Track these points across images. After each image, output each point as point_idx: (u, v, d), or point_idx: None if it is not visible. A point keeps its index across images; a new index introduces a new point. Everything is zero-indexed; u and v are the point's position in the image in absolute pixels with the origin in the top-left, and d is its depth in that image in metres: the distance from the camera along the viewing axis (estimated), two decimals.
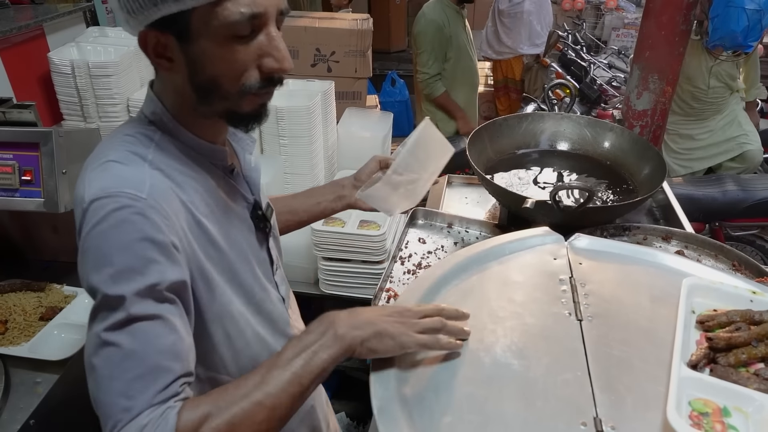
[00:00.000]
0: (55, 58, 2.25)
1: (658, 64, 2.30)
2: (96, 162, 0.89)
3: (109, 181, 0.85)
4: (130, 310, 0.79)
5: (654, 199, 2.11)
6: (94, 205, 0.83)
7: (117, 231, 0.81)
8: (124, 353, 0.78)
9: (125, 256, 0.81)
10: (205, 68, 0.88)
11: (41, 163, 1.56)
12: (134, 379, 0.78)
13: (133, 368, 0.78)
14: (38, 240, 1.99)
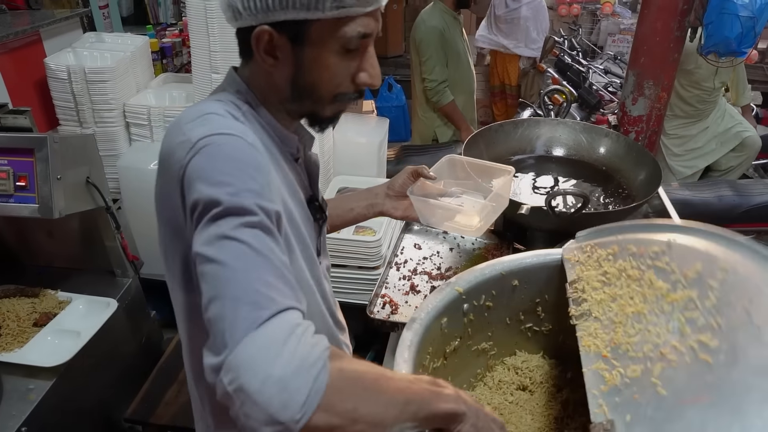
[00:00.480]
0: (51, 64, 2.26)
1: (653, 70, 2.31)
2: (191, 116, 0.91)
3: (215, 125, 0.88)
4: (253, 219, 0.79)
5: (650, 205, 2.11)
6: (204, 140, 0.84)
7: (235, 152, 0.84)
8: (255, 252, 0.76)
9: (243, 175, 0.82)
10: (311, 73, 0.94)
11: (36, 169, 1.56)
12: (271, 276, 0.75)
13: (266, 268, 0.76)
14: (33, 245, 1.98)
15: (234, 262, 0.75)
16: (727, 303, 0.91)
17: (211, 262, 0.76)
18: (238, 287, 0.74)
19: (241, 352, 0.68)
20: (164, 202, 0.95)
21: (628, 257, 1.10)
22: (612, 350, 0.94)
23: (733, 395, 0.78)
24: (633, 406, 0.84)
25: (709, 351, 0.85)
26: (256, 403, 0.67)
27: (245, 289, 0.73)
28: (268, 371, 0.67)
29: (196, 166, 0.83)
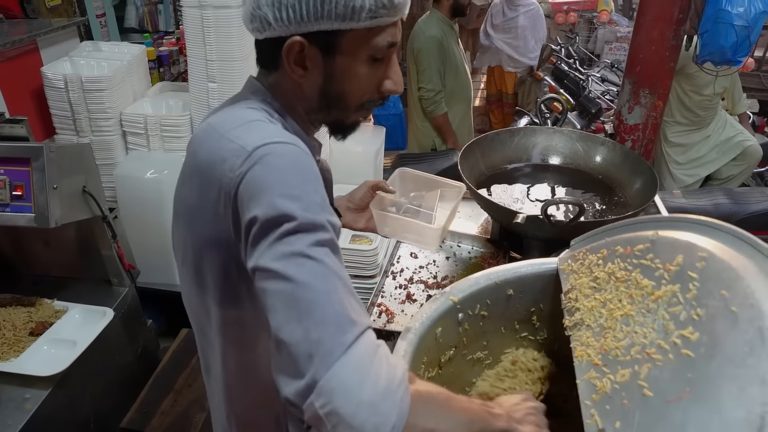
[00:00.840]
0: (48, 73, 2.26)
1: (649, 78, 2.32)
2: (233, 123, 0.90)
3: (269, 133, 0.87)
4: (325, 236, 0.78)
5: (646, 213, 2.12)
6: (263, 148, 0.83)
7: (297, 163, 0.84)
8: (331, 272, 0.76)
9: (310, 188, 0.82)
10: (341, 82, 0.95)
11: (32, 179, 1.56)
12: (347, 296, 0.76)
13: (342, 288, 0.76)
14: (30, 254, 1.98)
15: (314, 282, 0.74)
16: (706, 292, 0.90)
17: (286, 280, 0.75)
18: (321, 309, 0.73)
19: (333, 376, 0.69)
20: (199, 214, 0.92)
21: (615, 259, 1.09)
22: (602, 357, 0.95)
23: (713, 388, 0.77)
24: (622, 412, 0.84)
25: (691, 345, 0.85)
26: (350, 427, 0.68)
27: (328, 311, 0.73)
28: (360, 396, 0.69)
29: (260, 177, 0.81)
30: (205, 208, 0.90)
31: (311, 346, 0.71)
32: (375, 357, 0.73)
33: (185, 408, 1.86)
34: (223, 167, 0.85)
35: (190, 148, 0.96)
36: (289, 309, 0.74)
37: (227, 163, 0.84)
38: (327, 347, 0.70)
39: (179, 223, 1.00)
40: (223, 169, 0.85)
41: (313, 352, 0.70)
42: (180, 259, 1.03)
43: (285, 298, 0.74)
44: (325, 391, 0.69)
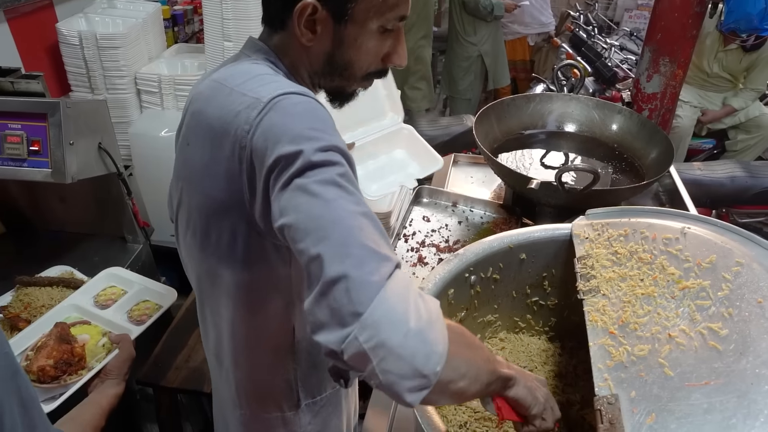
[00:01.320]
0: (63, 29, 2.25)
1: (669, 46, 2.27)
2: (241, 78, 0.89)
3: (279, 84, 0.86)
4: (349, 173, 0.78)
5: (660, 183, 2.11)
6: (277, 99, 0.82)
7: (315, 109, 0.83)
8: (360, 205, 0.74)
9: (330, 129, 0.81)
10: (349, 51, 0.93)
11: (49, 134, 1.57)
12: (377, 231, 0.74)
13: (373, 221, 0.74)
14: (46, 211, 2.00)
15: (344, 215, 0.72)
16: (740, 296, 0.92)
17: (319, 199, 0.73)
18: (357, 240, 0.70)
19: (376, 308, 0.66)
20: (210, 174, 0.89)
21: (640, 240, 1.10)
22: (619, 328, 0.96)
23: (741, 383, 0.79)
24: (638, 383, 0.85)
25: (719, 339, 0.87)
26: (400, 357, 0.66)
27: (365, 242, 0.70)
28: (407, 325, 0.67)
29: (277, 122, 0.80)
30: (216, 168, 0.87)
31: (350, 281, 0.67)
32: (411, 290, 0.71)
33: (199, 363, 1.89)
34: (237, 121, 0.83)
35: (194, 107, 0.94)
36: (323, 243, 0.70)
37: (241, 116, 0.83)
38: (367, 280, 0.68)
39: (183, 187, 0.98)
40: (237, 123, 0.83)
41: (352, 287, 0.67)
42: (183, 225, 1.01)
43: (317, 231, 0.71)
44: (369, 324, 0.66)
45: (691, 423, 0.77)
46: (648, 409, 0.81)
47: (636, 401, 0.83)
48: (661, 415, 0.79)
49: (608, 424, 0.81)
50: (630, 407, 0.82)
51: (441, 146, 2.62)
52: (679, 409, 0.79)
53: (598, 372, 0.90)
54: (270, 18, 0.97)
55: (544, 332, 1.36)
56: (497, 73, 4.61)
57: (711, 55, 3.80)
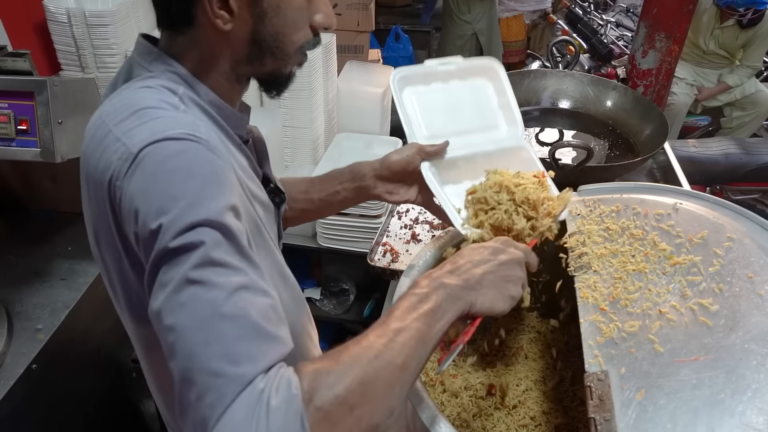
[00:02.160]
0: (50, 6, 2.21)
1: (665, 21, 2.26)
2: (122, 114, 0.77)
3: (157, 125, 0.74)
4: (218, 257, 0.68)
5: (655, 160, 2.10)
6: (147, 150, 0.71)
7: (188, 162, 0.71)
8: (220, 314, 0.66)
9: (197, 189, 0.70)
10: (274, 20, 0.84)
11: (37, 113, 1.55)
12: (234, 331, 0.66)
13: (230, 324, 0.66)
14: (38, 190, 1.99)
15: (195, 315, 0.65)
16: (731, 271, 0.92)
17: (168, 331, 0.66)
18: (199, 364, 0.64)
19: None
20: (101, 233, 0.82)
21: (631, 216, 1.10)
22: (610, 304, 0.96)
23: (730, 358, 0.80)
24: (628, 359, 0.85)
25: (709, 314, 0.87)
26: None
27: (207, 366, 0.64)
28: None
29: (139, 186, 0.70)
30: (104, 228, 0.79)
31: (192, 412, 0.64)
32: (254, 412, 0.62)
33: None
34: (110, 176, 0.73)
35: (82, 150, 0.82)
36: (173, 360, 0.66)
37: (114, 171, 0.73)
38: (201, 415, 0.63)
39: (89, 232, 0.88)
40: (111, 178, 0.73)
41: (195, 420, 0.64)
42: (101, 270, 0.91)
43: (169, 350, 0.67)
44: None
45: (680, 398, 0.77)
46: (637, 385, 0.81)
47: (626, 377, 0.83)
48: (651, 391, 0.79)
49: (598, 400, 0.81)
50: (620, 383, 0.82)
51: None
52: (668, 385, 0.79)
53: (588, 348, 0.89)
54: (170, 18, 0.86)
55: (536, 308, 1.36)
56: (492, 52, 4.57)
57: (707, 31, 3.78)
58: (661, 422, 0.75)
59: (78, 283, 1.73)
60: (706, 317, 0.87)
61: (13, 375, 1.45)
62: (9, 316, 1.60)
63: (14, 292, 1.70)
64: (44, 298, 1.69)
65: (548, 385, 1.20)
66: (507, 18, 5.04)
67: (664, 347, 0.85)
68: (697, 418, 0.74)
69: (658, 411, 0.76)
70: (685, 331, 0.86)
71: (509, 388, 1.17)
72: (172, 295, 0.66)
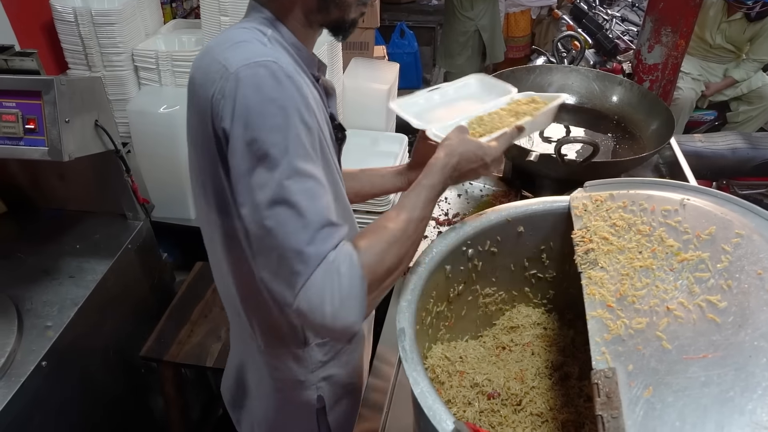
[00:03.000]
0: (57, 6, 2.23)
1: (672, 16, 2.25)
2: (223, 46, 0.96)
3: (250, 52, 0.92)
4: (297, 166, 0.88)
5: (661, 155, 2.10)
6: (242, 69, 0.89)
7: (276, 85, 0.89)
8: (295, 210, 0.87)
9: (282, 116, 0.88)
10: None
11: (44, 112, 1.56)
12: (310, 229, 0.88)
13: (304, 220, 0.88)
14: (46, 189, 2.00)
15: (277, 227, 0.87)
16: (739, 268, 0.91)
17: (257, 226, 0.89)
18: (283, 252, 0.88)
19: (299, 304, 0.87)
20: (196, 131, 1.00)
21: (638, 212, 1.10)
22: (617, 301, 0.95)
23: (740, 356, 0.79)
24: (636, 356, 0.85)
25: (718, 311, 0.87)
26: (326, 332, 0.91)
27: (288, 253, 0.87)
28: (323, 313, 0.87)
29: (238, 99, 0.88)
30: (203, 131, 0.97)
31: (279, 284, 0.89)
32: (330, 277, 0.87)
33: (201, 338, 1.91)
34: (212, 89, 0.92)
35: (190, 73, 1.03)
36: (260, 253, 0.92)
37: (215, 85, 0.91)
38: (290, 282, 0.88)
39: (189, 148, 1.07)
40: (212, 91, 0.92)
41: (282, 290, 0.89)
42: (193, 182, 1.10)
43: (257, 243, 0.91)
44: (299, 314, 0.88)
45: (689, 396, 0.77)
46: (645, 382, 0.81)
47: (633, 375, 0.82)
48: (659, 389, 0.79)
49: (605, 397, 0.81)
50: (627, 381, 0.82)
51: None
52: (676, 383, 0.79)
53: (595, 345, 0.89)
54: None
55: (542, 304, 1.36)
56: (495, 49, 4.56)
57: (714, 25, 3.76)
58: (669, 420, 0.75)
59: (86, 281, 1.75)
60: (714, 314, 0.86)
61: (24, 372, 1.47)
62: (19, 314, 1.61)
63: (24, 289, 1.71)
64: (53, 295, 1.70)
65: (554, 380, 1.20)
66: (514, 13, 5.02)
67: (672, 344, 0.85)
68: (706, 416, 0.74)
69: (666, 409, 0.76)
70: (693, 328, 0.86)
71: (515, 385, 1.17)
72: (263, 196, 0.88)
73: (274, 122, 0.87)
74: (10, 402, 1.40)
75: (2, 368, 1.45)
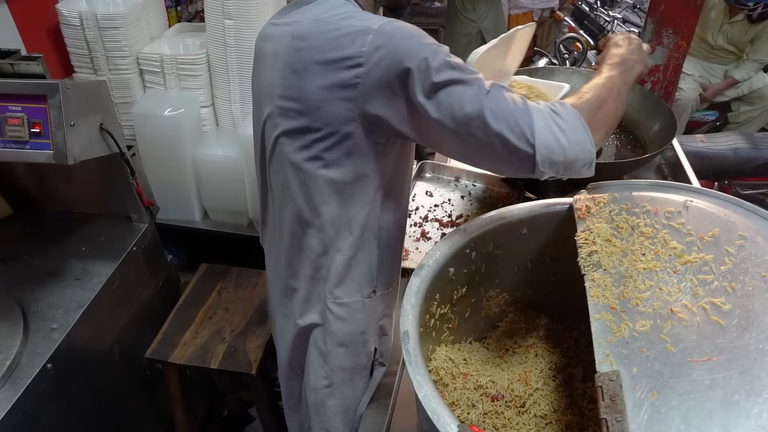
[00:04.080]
0: (63, 10, 2.24)
1: (673, 17, 2.25)
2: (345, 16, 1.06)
3: (375, 17, 1.05)
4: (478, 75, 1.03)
5: (663, 156, 2.10)
6: (388, 24, 1.01)
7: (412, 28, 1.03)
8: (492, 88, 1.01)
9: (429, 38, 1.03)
10: None
11: (49, 116, 1.57)
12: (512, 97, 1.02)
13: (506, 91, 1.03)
14: (52, 191, 2.01)
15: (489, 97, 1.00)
16: (743, 270, 0.92)
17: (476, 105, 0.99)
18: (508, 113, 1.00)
19: (538, 149, 0.99)
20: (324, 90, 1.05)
21: (641, 214, 1.10)
22: (621, 303, 0.96)
23: (744, 359, 0.79)
24: (640, 359, 0.85)
25: (722, 314, 0.87)
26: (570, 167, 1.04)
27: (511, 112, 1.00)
28: (562, 146, 1.00)
29: (399, 43, 0.99)
30: (332, 85, 1.03)
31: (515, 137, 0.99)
32: (549, 119, 1.00)
33: (206, 340, 1.92)
34: (353, 46, 1.01)
35: (295, 44, 1.08)
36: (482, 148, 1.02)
37: (357, 42, 1.00)
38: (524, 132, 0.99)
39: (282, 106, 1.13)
40: (353, 47, 1.01)
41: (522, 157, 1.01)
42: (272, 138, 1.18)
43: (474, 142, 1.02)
44: (543, 155, 0.99)
45: (693, 399, 0.77)
46: (649, 385, 0.81)
47: (637, 378, 0.83)
48: (663, 392, 0.79)
49: (609, 400, 0.81)
50: (631, 384, 0.82)
51: None
52: (680, 386, 0.79)
53: (599, 348, 0.89)
54: None
55: (545, 306, 1.37)
56: None
57: (716, 27, 3.76)
58: (674, 424, 0.75)
59: (92, 283, 1.76)
60: (718, 317, 0.87)
61: (29, 374, 1.48)
62: (25, 316, 1.62)
63: (29, 292, 1.72)
64: (59, 297, 1.71)
65: (558, 382, 1.21)
66: (516, 15, 5.02)
67: (676, 347, 0.85)
68: (711, 419, 0.74)
69: (670, 412, 0.76)
70: (698, 330, 0.86)
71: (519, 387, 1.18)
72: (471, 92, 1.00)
73: (436, 45, 1.02)
74: (16, 403, 1.41)
75: (8, 370, 1.46)
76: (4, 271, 1.80)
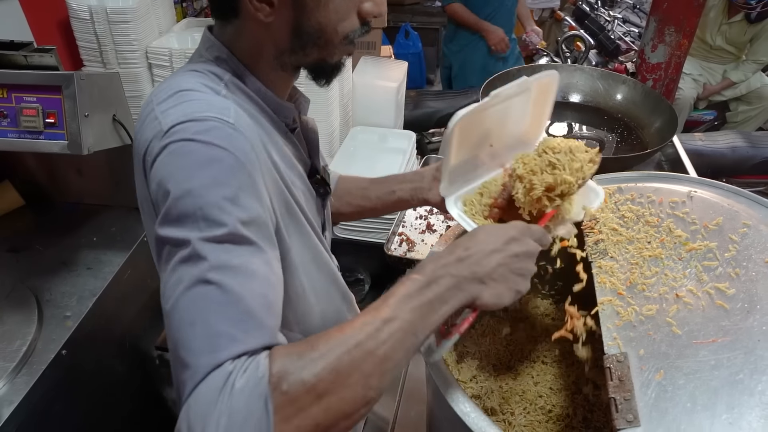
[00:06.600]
0: (73, 4, 2.26)
1: (675, 15, 2.29)
2: (164, 94, 0.82)
3: (189, 107, 0.78)
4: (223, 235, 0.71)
5: (663, 153, 2.14)
6: (174, 129, 0.75)
7: (211, 150, 0.74)
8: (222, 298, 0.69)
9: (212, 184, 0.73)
10: (315, 13, 0.84)
11: (64, 106, 1.59)
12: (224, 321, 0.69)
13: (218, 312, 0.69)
14: (63, 183, 2.04)
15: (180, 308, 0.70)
16: (747, 257, 0.95)
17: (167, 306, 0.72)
18: (183, 346, 0.68)
19: (182, 418, 0.66)
20: (140, 191, 0.88)
21: (646, 204, 1.13)
22: (627, 289, 0.98)
23: (748, 340, 0.82)
24: (647, 341, 0.88)
25: (726, 298, 0.90)
26: None
27: (183, 347, 0.68)
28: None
29: (162, 168, 0.75)
30: (143, 197, 0.86)
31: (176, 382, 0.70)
32: (220, 397, 0.63)
33: None
34: (146, 149, 0.80)
35: (136, 126, 0.88)
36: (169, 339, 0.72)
37: (149, 145, 0.79)
38: (180, 388, 0.68)
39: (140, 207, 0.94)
40: (146, 151, 0.80)
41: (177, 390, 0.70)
42: None
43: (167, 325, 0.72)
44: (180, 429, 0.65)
45: (699, 378, 0.80)
46: (656, 366, 0.84)
47: (645, 359, 0.86)
48: (670, 372, 0.82)
49: (618, 381, 0.84)
50: (639, 365, 0.85)
51: (447, 118, 2.65)
52: (687, 366, 0.82)
53: (607, 331, 0.92)
54: (219, 8, 0.90)
55: (550, 296, 1.40)
56: None
57: (714, 27, 3.80)
58: (680, 402, 0.78)
59: (104, 272, 1.78)
60: (723, 301, 0.90)
61: (45, 360, 1.50)
62: (39, 304, 1.65)
63: (43, 281, 1.75)
64: (72, 286, 1.74)
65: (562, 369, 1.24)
66: None
67: (682, 330, 0.88)
68: (717, 397, 0.77)
69: (677, 391, 0.79)
70: (703, 314, 0.89)
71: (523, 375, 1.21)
72: (171, 273, 0.72)
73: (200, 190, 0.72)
74: (32, 388, 1.43)
75: (24, 356, 1.49)
76: (17, 261, 1.82)
